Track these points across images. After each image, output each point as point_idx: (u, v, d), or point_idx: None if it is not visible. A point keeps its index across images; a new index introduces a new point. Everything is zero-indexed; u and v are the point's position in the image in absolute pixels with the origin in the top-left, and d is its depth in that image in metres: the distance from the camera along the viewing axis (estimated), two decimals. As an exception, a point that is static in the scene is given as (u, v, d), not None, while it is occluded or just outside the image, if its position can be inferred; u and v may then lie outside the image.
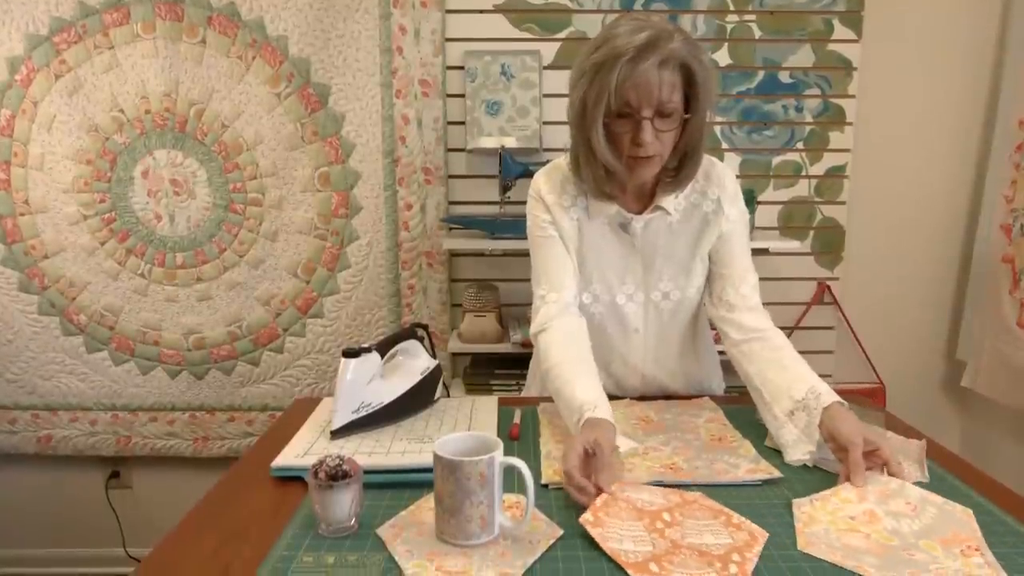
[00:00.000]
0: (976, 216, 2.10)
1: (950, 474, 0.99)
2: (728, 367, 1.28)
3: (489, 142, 1.98)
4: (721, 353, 1.35)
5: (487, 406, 1.23)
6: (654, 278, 1.23)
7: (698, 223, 1.21)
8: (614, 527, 0.81)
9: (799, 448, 1.02)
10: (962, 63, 2.06)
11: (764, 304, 1.23)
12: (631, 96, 1.01)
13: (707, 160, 1.20)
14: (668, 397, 1.31)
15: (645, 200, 1.19)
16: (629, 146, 1.06)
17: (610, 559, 0.76)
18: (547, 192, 1.20)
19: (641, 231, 1.19)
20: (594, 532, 0.80)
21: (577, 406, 1.01)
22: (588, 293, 1.23)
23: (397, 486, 0.94)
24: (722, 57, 2.01)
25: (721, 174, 1.21)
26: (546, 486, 0.94)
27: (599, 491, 0.87)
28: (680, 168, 1.14)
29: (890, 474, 0.92)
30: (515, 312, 2.09)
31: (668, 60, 1.00)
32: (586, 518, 0.82)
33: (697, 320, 1.31)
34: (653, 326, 1.26)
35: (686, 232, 1.21)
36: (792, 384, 1.07)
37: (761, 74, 2.03)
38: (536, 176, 1.24)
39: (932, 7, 2.02)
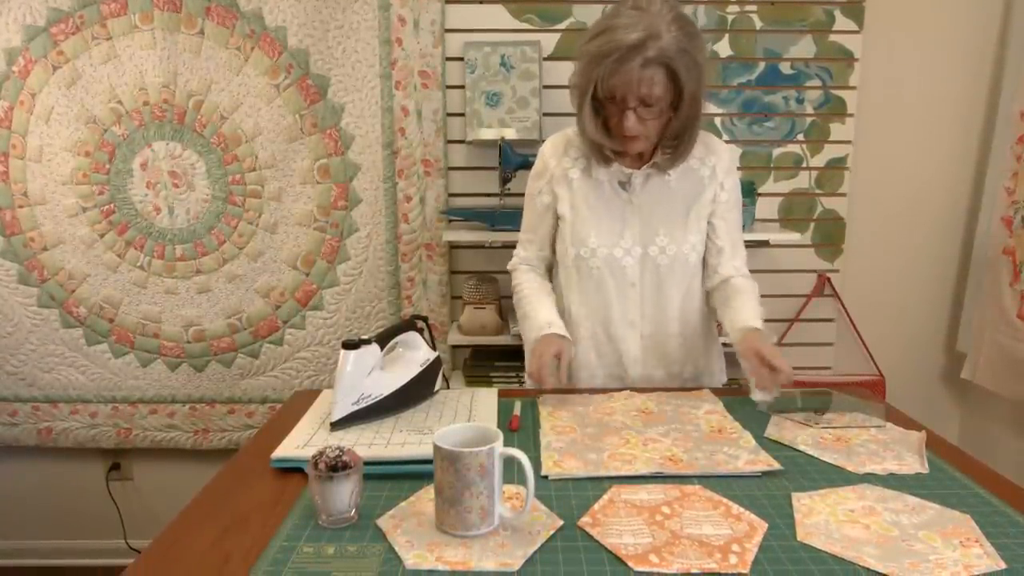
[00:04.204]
0: (977, 208, 2.10)
1: (950, 465, 0.99)
2: (732, 359, 1.28)
3: (489, 133, 1.97)
4: (726, 346, 1.37)
5: (487, 398, 1.23)
6: (651, 233, 1.30)
7: (694, 183, 1.31)
8: (613, 525, 0.82)
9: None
10: (964, 55, 2.05)
11: (764, 296, 1.28)
12: (616, 90, 1.16)
13: (709, 136, 1.34)
14: (668, 389, 1.32)
15: (644, 161, 1.30)
16: (617, 126, 1.21)
17: (610, 550, 0.76)
18: (550, 155, 1.35)
19: (640, 187, 1.30)
20: (593, 532, 0.80)
21: (541, 323, 1.26)
22: (587, 248, 1.31)
23: (397, 477, 0.94)
24: (723, 48, 2.00)
25: (720, 147, 1.34)
26: (546, 477, 0.94)
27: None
28: (677, 145, 1.26)
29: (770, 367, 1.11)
30: (515, 304, 2.09)
31: (651, 60, 1.12)
32: (585, 520, 0.82)
33: (693, 283, 1.35)
34: (650, 281, 1.32)
35: (682, 191, 1.31)
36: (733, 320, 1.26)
37: (762, 65, 2.02)
38: (545, 141, 1.38)
39: (934, -2, 2.01)
